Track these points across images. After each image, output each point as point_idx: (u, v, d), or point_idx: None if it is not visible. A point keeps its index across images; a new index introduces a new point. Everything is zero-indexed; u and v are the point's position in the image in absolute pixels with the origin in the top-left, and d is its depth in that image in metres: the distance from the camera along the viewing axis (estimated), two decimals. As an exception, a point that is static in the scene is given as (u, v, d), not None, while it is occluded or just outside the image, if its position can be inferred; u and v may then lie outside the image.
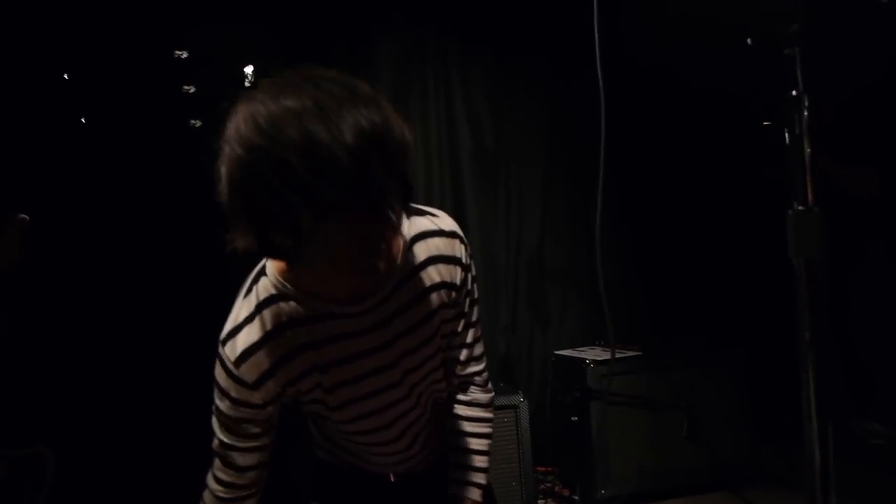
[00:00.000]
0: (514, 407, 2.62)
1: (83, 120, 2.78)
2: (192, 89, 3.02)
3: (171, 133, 2.93)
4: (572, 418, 2.69)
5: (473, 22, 3.16)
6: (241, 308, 1.04)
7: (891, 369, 3.26)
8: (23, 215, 2.01)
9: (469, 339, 1.22)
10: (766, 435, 2.90)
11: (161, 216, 2.75)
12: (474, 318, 1.22)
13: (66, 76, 2.74)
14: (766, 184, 2.13)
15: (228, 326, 1.04)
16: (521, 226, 3.23)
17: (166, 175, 2.83)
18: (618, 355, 2.81)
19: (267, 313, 1.02)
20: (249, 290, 1.05)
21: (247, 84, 3.18)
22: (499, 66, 3.23)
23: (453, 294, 1.14)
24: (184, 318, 2.70)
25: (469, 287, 1.17)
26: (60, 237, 2.52)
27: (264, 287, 1.03)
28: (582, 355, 2.83)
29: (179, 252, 2.75)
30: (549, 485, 2.86)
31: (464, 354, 1.23)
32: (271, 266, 1.04)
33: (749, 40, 1.30)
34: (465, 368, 1.25)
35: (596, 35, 1.71)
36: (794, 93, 1.27)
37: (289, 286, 1.02)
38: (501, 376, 3.08)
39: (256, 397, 1.04)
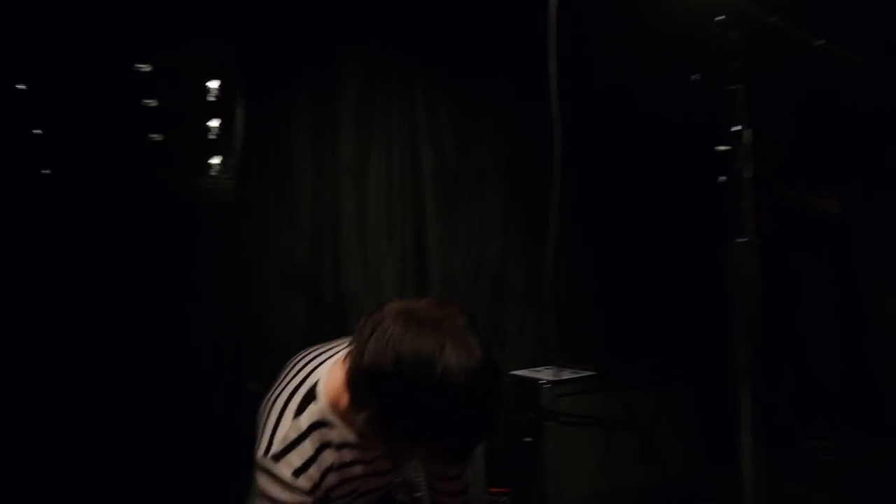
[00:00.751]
0: (470, 428, 2.63)
1: (37, 132, 2.73)
2: (154, 103, 2.99)
3: (130, 147, 2.89)
4: (526, 439, 2.71)
5: (439, 44, 3.20)
6: (291, 429, 1.19)
7: (842, 386, 3.41)
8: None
9: (461, 487, 1.47)
10: (718, 454, 2.96)
11: (116, 229, 2.70)
12: (467, 469, 1.49)
13: (18, 86, 2.69)
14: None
15: (278, 446, 1.18)
16: (483, 247, 3.26)
17: (123, 188, 2.79)
18: (573, 375, 2.86)
19: (315, 434, 1.19)
20: (299, 413, 1.20)
21: (212, 99, 3.17)
22: (464, 87, 3.28)
23: None
24: (140, 330, 2.65)
25: None
26: (11, 251, 2.46)
27: (313, 412, 1.20)
28: (537, 375, 2.86)
29: (134, 265, 2.70)
30: (503, 506, 2.86)
31: (459, 500, 1.47)
32: (326, 395, 1.20)
33: (693, 76, 1.37)
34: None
35: (552, 58, 1.76)
36: (736, 128, 1.33)
37: (337, 420, 1.19)
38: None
39: (310, 500, 1.18)
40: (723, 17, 1.34)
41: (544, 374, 2.87)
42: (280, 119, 2.96)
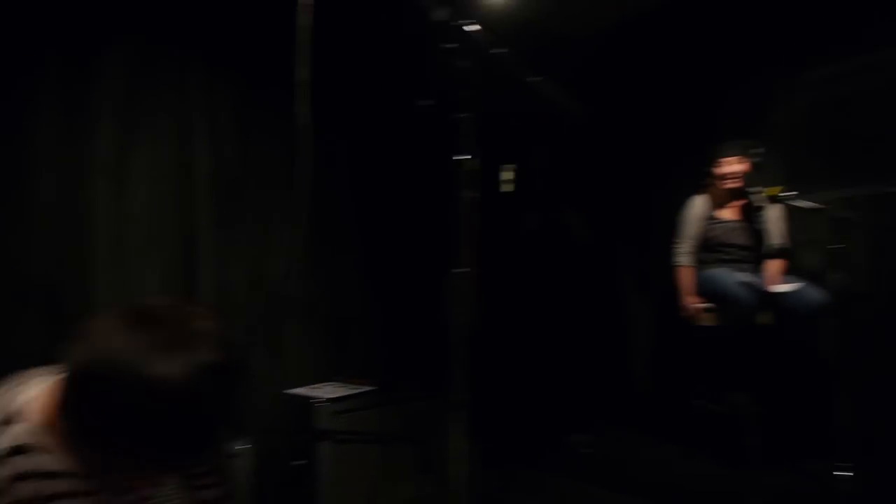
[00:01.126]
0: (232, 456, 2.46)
1: None
2: None
3: None
4: (299, 461, 2.60)
5: (219, 47, 2.99)
6: None
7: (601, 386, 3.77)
8: None
9: None
10: (492, 460, 3.09)
11: None
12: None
13: None
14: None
15: None
16: (263, 257, 3.10)
17: None
18: (352, 391, 2.81)
19: (11, 462, 1.02)
20: None
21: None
22: (245, 85, 3.09)
23: None
24: None
25: None
26: None
27: (17, 434, 1.04)
28: (313, 393, 2.77)
29: None
30: (276, 532, 2.73)
31: None
32: (34, 417, 1.05)
33: (422, 102, 1.36)
34: None
35: (303, 68, 1.70)
36: (461, 156, 1.34)
37: (50, 444, 1.04)
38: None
39: None
40: (454, 45, 1.34)
41: (321, 392, 2.79)
42: (22, 106, 2.55)
